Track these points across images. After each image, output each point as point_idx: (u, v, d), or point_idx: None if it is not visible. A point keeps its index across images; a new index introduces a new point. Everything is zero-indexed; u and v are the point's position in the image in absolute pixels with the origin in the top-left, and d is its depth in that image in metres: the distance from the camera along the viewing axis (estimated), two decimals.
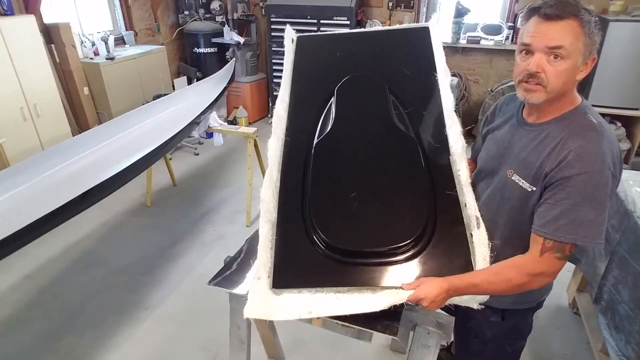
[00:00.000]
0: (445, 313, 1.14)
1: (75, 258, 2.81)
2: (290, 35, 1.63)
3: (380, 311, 1.02)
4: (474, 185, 1.21)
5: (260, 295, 1.05)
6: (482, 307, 1.02)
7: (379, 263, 1.08)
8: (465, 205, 1.13)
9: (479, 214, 1.10)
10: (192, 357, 2.09)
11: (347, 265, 1.08)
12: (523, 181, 1.07)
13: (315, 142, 1.32)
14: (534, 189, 1.04)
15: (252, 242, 1.36)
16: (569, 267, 2.31)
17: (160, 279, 2.61)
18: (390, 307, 0.99)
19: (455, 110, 1.31)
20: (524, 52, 1.01)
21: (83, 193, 1.92)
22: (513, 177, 1.09)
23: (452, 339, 1.55)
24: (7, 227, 1.63)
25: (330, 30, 4.52)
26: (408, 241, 1.08)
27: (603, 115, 3.84)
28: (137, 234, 3.10)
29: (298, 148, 1.32)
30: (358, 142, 1.31)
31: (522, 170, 1.08)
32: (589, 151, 0.96)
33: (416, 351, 1.14)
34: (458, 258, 1.06)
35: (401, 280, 1.03)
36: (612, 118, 3.77)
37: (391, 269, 1.07)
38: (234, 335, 1.33)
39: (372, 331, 1.03)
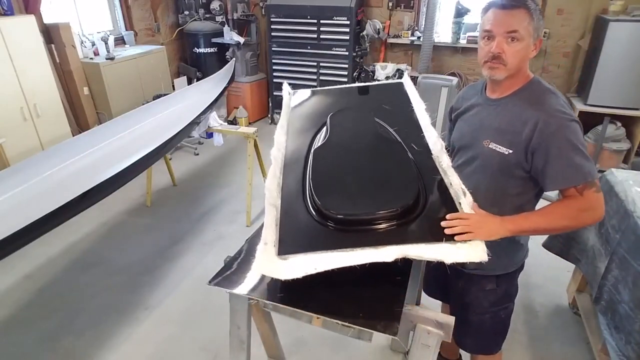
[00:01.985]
0: (444, 314, 1.14)
1: (75, 258, 2.82)
2: (287, 89, 1.91)
3: (380, 310, 1.03)
4: (452, 162, 1.35)
5: (267, 256, 1.10)
6: (487, 258, 1.04)
7: (379, 228, 1.13)
8: (451, 184, 1.22)
9: (464, 187, 1.19)
10: (192, 357, 2.09)
11: (349, 233, 1.15)
12: (500, 147, 1.25)
13: (313, 149, 1.47)
14: (511, 151, 1.23)
15: (252, 242, 1.37)
16: (569, 267, 2.32)
17: (160, 279, 2.61)
18: (396, 260, 1.01)
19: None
20: (486, 37, 1.21)
21: (83, 193, 1.91)
22: (490, 146, 1.27)
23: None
24: (7, 227, 1.63)
25: (330, 30, 4.55)
26: (404, 206, 1.15)
27: (603, 115, 3.89)
28: (137, 234, 3.10)
29: (298, 155, 1.50)
30: (351, 146, 1.48)
31: (497, 137, 1.25)
32: (555, 109, 1.17)
33: (416, 351, 1.14)
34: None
35: (401, 239, 1.07)
36: (612, 118, 3.78)
37: (390, 232, 1.12)
38: (234, 335, 1.33)
39: (372, 331, 1.02)
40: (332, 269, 1.05)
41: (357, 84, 1.99)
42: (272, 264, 1.09)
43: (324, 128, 1.59)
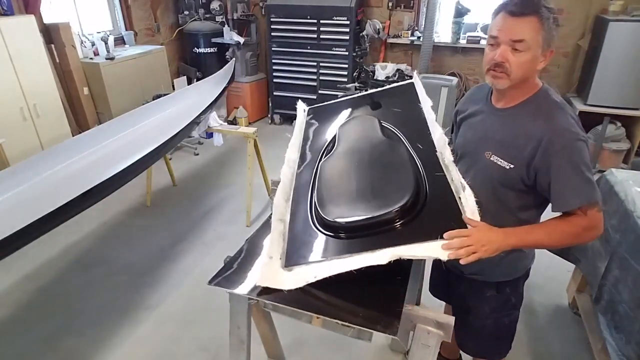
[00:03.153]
0: (444, 314, 1.14)
1: (75, 258, 2.82)
2: (302, 107, 1.94)
3: (380, 310, 1.04)
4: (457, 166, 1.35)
5: (271, 269, 1.16)
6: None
7: (377, 232, 1.15)
8: (452, 180, 1.22)
9: (463, 181, 1.17)
10: (192, 357, 2.09)
11: (350, 239, 1.18)
12: (501, 160, 1.20)
13: (321, 162, 1.52)
14: (512, 166, 1.18)
15: (252, 242, 1.37)
16: (569, 267, 2.32)
17: (160, 279, 2.61)
18: (396, 260, 1.03)
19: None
20: (492, 44, 1.14)
21: (83, 193, 1.91)
22: (492, 158, 1.22)
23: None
24: (7, 227, 1.63)
25: (330, 30, 4.55)
26: (400, 209, 1.15)
27: (603, 115, 3.89)
28: (137, 234, 3.10)
29: (308, 169, 1.54)
30: (356, 155, 1.49)
31: (499, 151, 1.21)
32: (561, 127, 1.11)
33: (416, 351, 1.15)
34: (450, 216, 1.11)
35: (397, 241, 1.08)
36: (612, 118, 3.78)
37: (389, 235, 1.13)
38: (234, 335, 1.33)
39: (372, 331, 1.02)
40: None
41: (371, 91, 1.99)
42: (276, 276, 1.14)
43: (334, 139, 1.63)
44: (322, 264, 1.12)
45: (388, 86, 1.96)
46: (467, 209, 1.10)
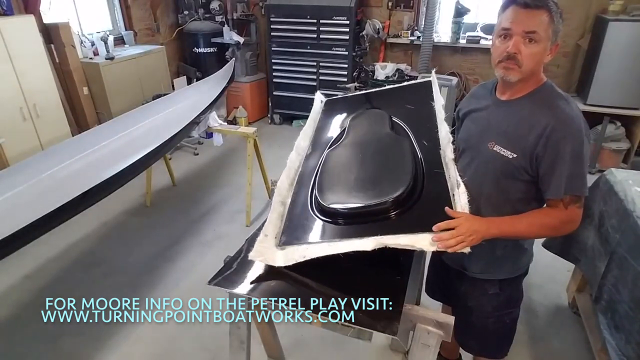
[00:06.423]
0: (444, 314, 1.14)
1: (75, 258, 2.82)
2: (319, 98, 1.96)
3: (380, 310, 1.04)
4: (457, 162, 1.35)
5: (264, 246, 1.21)
6: (470, 252, 1.06)
7: (370, 221, 1.18)
8: (449, 177, 1.23)
9: (459, 179, 1.18)
10: (192, 357, 2.09)
11: (342, 226, 1.21)
12: (504, 150, 1.21)
13: (327, 151, 1.55)
14: (515, 155, 1.19)
15: (252, 242, 1.36)
16: (569, 266, 2.32)
17: (160, 279, 2.61)
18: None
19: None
20: (503, 36, 1.16)
21: (83, 193, 1.92)
22: (495, 148, 1.24)
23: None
24: (7, 227, 1.63)
25: (330, 29, 4.54)
26: (395, 198, 1.17)
27: (603, 114, 3.88)
28: (137, 234, 3.10)
29: (315, 157, 1.58)
30: (361, 147, 1.51)
31: (502, 140, 1.22)
32: (566, 116, 1.14)
33: (416, 351, 1.15)
34: (441, 211, 1.11)
35: (389, 230, 1.09)
36: (612, 118, 3.78)
37: (381, 224, 1.15)
38: (234, 335, 1.33)
39: (372, 331, 1.02)
40: (333, 268, 1.10)
41: (389, 87, 2.00)
42: (269, 253, 1.18)
43: (344, 130, 1.65)
44: (312, 245, 1.16)
45: (406, 83, 1.97)
46: (459, 206, 1.12)
